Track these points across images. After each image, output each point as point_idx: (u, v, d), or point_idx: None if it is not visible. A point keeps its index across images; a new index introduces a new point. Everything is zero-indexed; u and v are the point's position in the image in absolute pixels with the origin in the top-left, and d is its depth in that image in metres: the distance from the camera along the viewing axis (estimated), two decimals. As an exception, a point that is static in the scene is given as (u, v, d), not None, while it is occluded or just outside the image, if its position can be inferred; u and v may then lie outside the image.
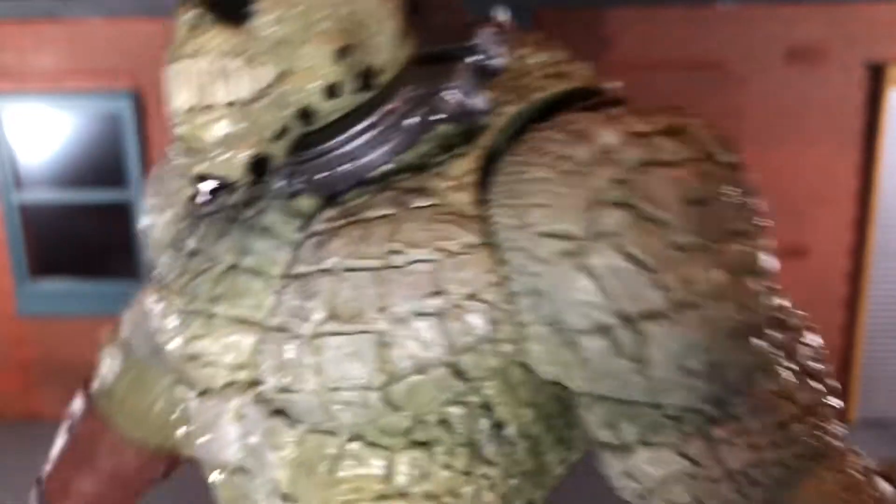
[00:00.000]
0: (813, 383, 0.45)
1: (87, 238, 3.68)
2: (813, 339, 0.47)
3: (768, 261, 0.44)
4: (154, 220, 0.42)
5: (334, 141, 0.30)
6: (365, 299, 0.30)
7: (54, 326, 3.72)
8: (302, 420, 0.33)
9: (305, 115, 0.30)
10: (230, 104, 0.26)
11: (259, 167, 0.28)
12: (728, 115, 3.38)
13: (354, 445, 0.34)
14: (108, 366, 0.61)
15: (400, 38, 0.31)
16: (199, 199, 0.31)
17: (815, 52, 3.34)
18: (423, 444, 0.35)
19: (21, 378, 3.80)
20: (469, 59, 0.33)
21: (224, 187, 0.30)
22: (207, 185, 0.30)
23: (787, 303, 0.48)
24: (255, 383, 0.33)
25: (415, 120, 0.34)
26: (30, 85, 3.46)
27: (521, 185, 0.39)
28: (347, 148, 0.30)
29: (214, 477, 0.37)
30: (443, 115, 0.37)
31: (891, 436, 3.42)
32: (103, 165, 3.52)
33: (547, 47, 0.51)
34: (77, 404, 0.60)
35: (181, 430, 0.38)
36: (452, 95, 0.36)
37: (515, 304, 0.39)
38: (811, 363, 0.46)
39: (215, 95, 0.25)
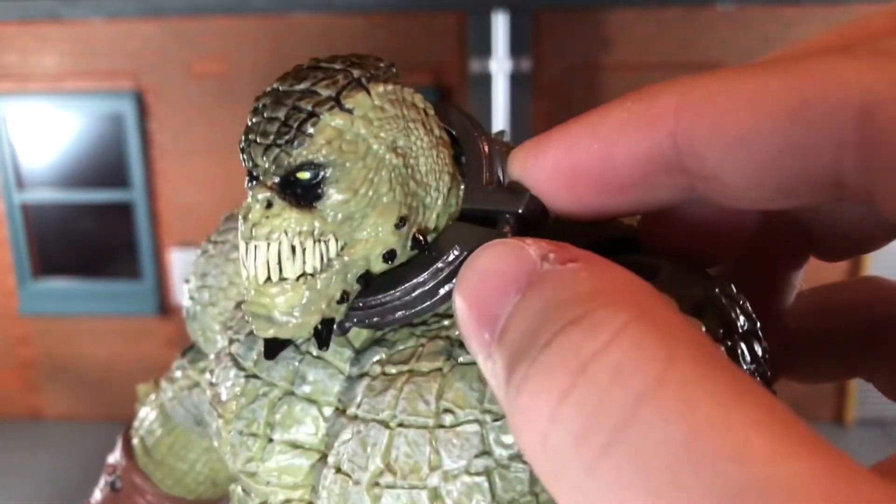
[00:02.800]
0: None
1: (89, 238, 3.70)
2: None
3: None
4: (196, 309, 0.45)
5: (388, 294, 0.33)
6: (419, 456, 0.33)
7: (56, 326, 3.74)
8: None
9: (364, 278, 0.33)
10: (300, 277, 0.29)
11: (325, 328, 0.32)
12: (727, 116, 3.40)
13: None
14: (148, 423, 0.65)
15: (446, 200, 0.33)
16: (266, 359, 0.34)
17: (814, 54, 3.36)
18: None
19: (23, 377, 3.82)
20: (510, 223, 0.35)
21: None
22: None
23: None
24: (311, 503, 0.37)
25: None
26: (32, 85, 3.48)
27: None
28: (399, 302, 0.33)
29: None
30: None
31: (888, 435, 3.43)
32: (105, 165, 3.54)
33: None
34: (117, 456, 0.62)
35: None
36: None
37: None
38: None
39: (287, 271, 0.29)
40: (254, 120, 0.30)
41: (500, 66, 3.13)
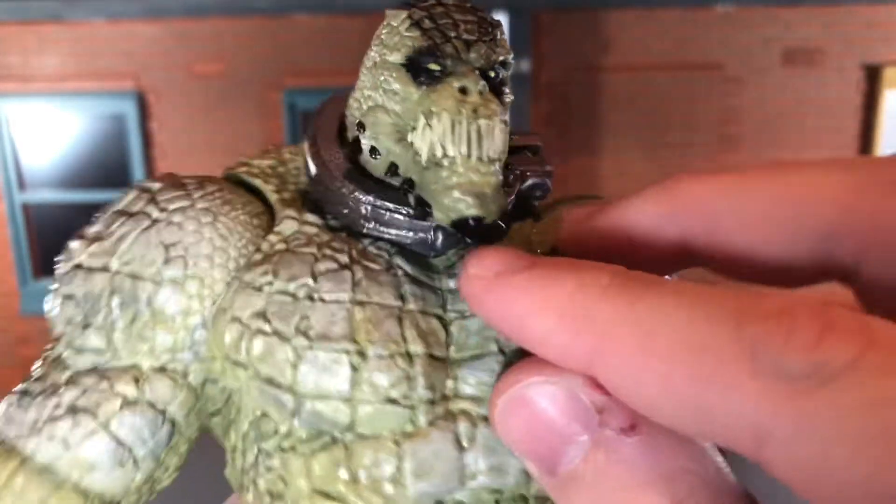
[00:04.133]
0: None
1: (90, 238, 3.71)
2: None
3: None
4: (143, 287, 0.35)
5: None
6: None
7: (57, 325, 3.75)
8: None
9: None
10: (498, 160, 0.30)
11: (503, 217, 0.32)
12: (726, 117, 3.41)
13: None
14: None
15: None
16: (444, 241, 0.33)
17: (813, 54, 3.37)
18: None
19: (24, 377, 3.82)
20: (514, 172, 0.36)
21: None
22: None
23: None
24: (460, 413, 0.33)
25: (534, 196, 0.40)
26: (34, 86, 3.49)
27: None
28: None
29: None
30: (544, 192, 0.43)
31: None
32: (107, 166, 3.55)
33: None
34: None
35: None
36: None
37: None
38: None
39: (490, 152, 0.29)
40: (440, 21, 0.30)
41: (499, 66, 3.14)
